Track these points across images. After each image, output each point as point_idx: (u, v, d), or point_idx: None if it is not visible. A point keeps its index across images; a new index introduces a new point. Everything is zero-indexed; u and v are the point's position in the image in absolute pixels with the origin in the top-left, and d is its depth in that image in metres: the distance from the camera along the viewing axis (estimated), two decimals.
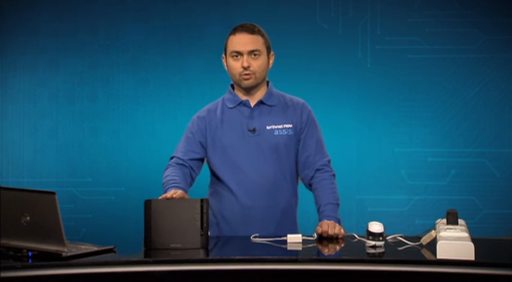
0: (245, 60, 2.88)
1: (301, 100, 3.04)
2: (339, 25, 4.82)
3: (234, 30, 2.93)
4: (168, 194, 2.65)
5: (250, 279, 2.34)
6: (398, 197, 4.74)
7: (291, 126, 2.95)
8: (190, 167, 2.96)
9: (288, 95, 3.05)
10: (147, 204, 2.56)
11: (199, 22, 4.86)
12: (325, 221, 2.77)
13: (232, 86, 3.03)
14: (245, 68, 2.88)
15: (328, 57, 4.79)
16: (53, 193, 2.33)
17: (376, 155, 4.76)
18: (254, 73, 2.90)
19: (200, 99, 4.65)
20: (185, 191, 2.79)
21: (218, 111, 2.98)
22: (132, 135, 4.87)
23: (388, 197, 4.73)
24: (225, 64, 2.99)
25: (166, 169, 2.98)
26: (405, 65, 4.77)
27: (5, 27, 4.91)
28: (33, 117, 4.92)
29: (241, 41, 2.89)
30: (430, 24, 4.76)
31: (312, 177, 2.96)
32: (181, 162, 2.96)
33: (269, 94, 2.98)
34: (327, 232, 2.71)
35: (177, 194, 2.64)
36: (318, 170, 2.96)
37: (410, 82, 4.77)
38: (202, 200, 2.56)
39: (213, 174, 3.00)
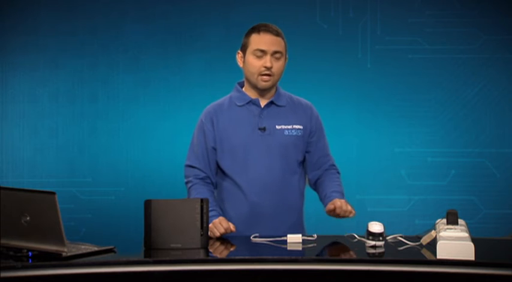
0: (269, 60, 2.88)
1: (308, 102, 3.07)
2: (339, 25, 4.82)
3: (258, 29, 2.92)
4: (221, 230, 2.73)
5: (250, 279, 2.34)
6: (398, 197, 4.74)
7: (300, 127, 2.97)
8: (211, 180, 2.98)
9: (294, 96, 3.07)
10: (147, 204, 2.56)
11: (199, 22, 4.86)
12: (337, 198, 2.81)
13: (239, 84, 3.03)
14: (267, 68, 2.88)
15: (328, 57, 4.80)
16: (53, 193, 2.33)
17: (376, 155, 4.76)
18: (273, 75, 2.91)
19: (200, 99, 4.64)
20: (219, 213, 2.87)
21: (226, 109, 2.98)
22: (132, 135, 4.88)
23: (388, 197, 4.73)
24: (240, 61, 2.97)
25: (191, 186, 2.96)
26: (405, 65, 4.77)
27: (5, 27, 4.91)
28: (33, 117, 4.92)
29: (267, 41, 2.89)
30: (430, 24, 4.76)
31: (319, 176, 3.04)
32: (202, 176, 2.97)
33: (278, 94, 3.00)
34: (341, 207, 2.73)
35: (226, 227, 2.74)
36: (326, 170, 3.05)
37: (410, 82, 4.77)
38: (202, 200, 2.55)
39: (221, 171, 2.99)
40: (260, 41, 2.90)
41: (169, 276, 2.33)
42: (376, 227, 2.56)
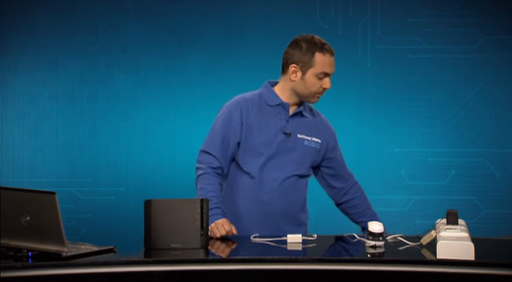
0: (329, 82, 2.94)
1: (325, 118, 3.14)
2: (339, 25, 4.82)
3: (321, 49, 2.93)
4: (222, 232, 2.73)
5: (250, 279, 2.34)
6: (398, 197, 4.74)
7: (319, 141, 3.04)
8: (223, 171, 2.97)
9: (314, 108, 3.12)
10: (147, 204, 2.56)
11: (199, 22, 4.86)
12: None
13: (270, 83, 3.04)
14: (325, 89, 2.94)
15: None
16: (53, 193, 2.33)
17: (376, 155, 4.76)
18: None
19: (200, 99, 4.66)
20: (223, 212, 2.85)
21: (256, 106, 2.98)
22: (132, 135, 4.87)
23: (388, 197, 4.73)
24: (293, 75, 2.95)
25: (202, 174, 2.93)
26: (405, 65, 4.77)
27: (5, 27, 4.91)
28: (33, 117, 4.92)
29: (332, 64, 2.94)
30: (430, 24, 4.76)
31: (350, 188, 3.17)
32: (215, 165, 2.94)
33: (305, 106, 3.04)
34: None
35: (228, 229, 2.75)
36: (355, 184, 3.19)
37: (410, 82, 4.77)
38: (202, 200, 2.56)
39: (238, 165, 2.99)
40: (326, 63, 2.93)
41: (169, 276, 2.33)
42: (376, 227, 2.56)
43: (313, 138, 3.02)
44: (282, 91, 3.00)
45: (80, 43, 4.91)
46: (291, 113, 2.99)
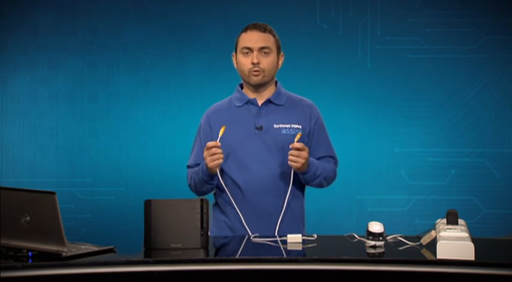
0: (255, 57, 2.91)
1: (309, 101, 3.07)
2: (339, 25, 4.82)
3: (246, 28, 2.98)
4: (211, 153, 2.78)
5: (250, 279, 2.34)
6: (398, 197, 4.74)
7: (299, 127, 2.97)
8: None
9: (296, 95, 3.07)
10: (147, 204, 2.57)
11: (199, 22, 4.86)
12: (305, 152, 2.82)
13: (241, 85, 3.05)
14: (254, 64, 2.91)
15: (328, 57, 4.80)
16: (53, 193, 2.33)
17: (376, 155, 4.76)
18: (263, 70, 2.93)
19: (200, 99, 4.66)
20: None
21: (224, 110, 3.01)
22: (132, 135, 4.88)
23: (388, 197, 4.73)
24: (234, 62, 3.02)
25: (191, 173, 3.00)
26: (405, 65, 4.77)
27: (5, 27, 4.91)
28: (33, 117, 4.92)
29: (252, 38, 2.94)
30: (430, 24, 4.77)
31: None
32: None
33: (277, 93, 3.01)
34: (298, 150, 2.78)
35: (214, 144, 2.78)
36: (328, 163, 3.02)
37: (410, 82, 4.77)
38: (202, 200, 2.56)
39: (222, 171, 2.97)
40: (246, 39, 2.95)
41: (169, 276, 2.33)
42: (376, 227, 2.56)
43: (292, 125, 2.96)
44: (245, 87, 3.02)
45: (80, 43, 4.91)
46: (261, 104, 2.97)
